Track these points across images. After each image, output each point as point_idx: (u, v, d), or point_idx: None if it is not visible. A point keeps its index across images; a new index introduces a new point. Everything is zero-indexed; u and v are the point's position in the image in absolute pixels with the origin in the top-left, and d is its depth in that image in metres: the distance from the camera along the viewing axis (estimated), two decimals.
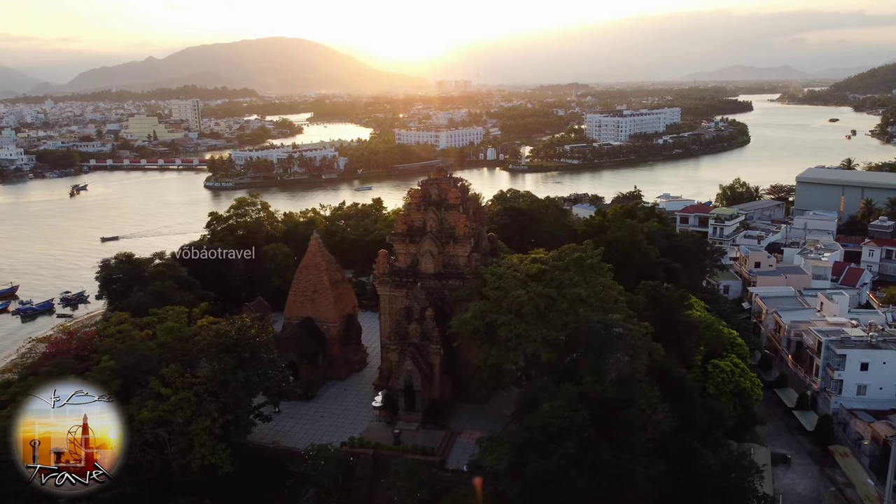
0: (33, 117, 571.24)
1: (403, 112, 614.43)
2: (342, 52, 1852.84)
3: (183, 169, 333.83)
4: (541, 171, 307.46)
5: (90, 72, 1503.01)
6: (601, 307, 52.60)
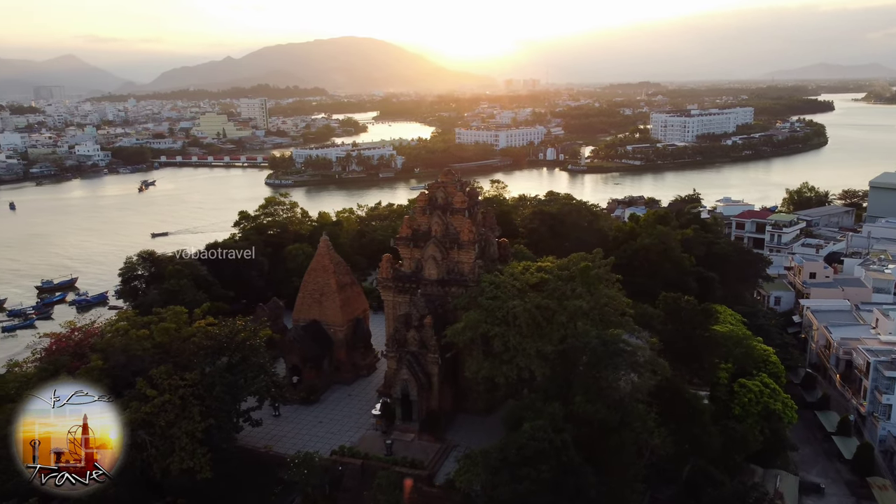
0: (114, 115, 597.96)
1: (468, 111, 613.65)
2: (411, 52, 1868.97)
3: (247, 166, 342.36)
4: (601, 171, 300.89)
5: (171, 71, 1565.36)
6: (603, 321, 49.72)
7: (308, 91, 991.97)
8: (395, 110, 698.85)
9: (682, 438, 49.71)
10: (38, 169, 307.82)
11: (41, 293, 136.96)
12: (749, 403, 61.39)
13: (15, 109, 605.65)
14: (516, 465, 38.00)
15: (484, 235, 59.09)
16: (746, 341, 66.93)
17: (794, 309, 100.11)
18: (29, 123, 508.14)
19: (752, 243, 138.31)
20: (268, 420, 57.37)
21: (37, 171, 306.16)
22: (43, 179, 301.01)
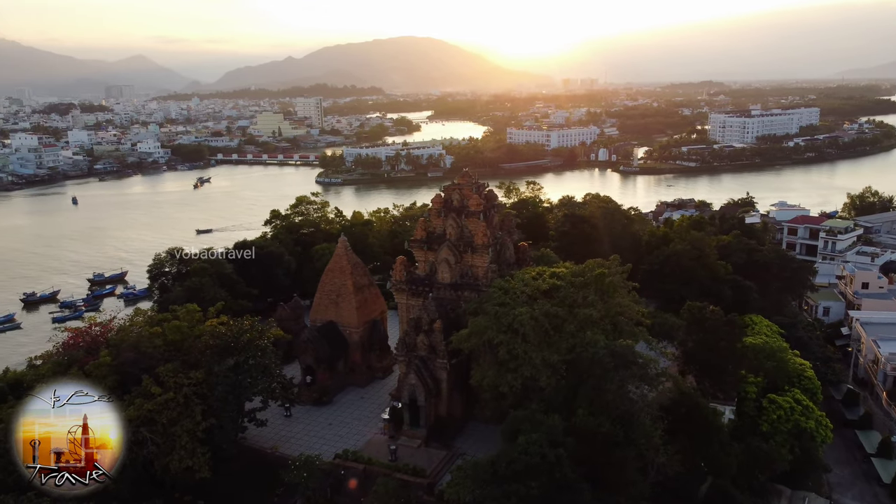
0: (177, 113, 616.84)
1: (523, 110, 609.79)
2: (469, 51, 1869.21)
3: (300, 164, 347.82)
4: (654, 173, 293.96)
5: (235, 71, 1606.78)
6: (617, 331, 47.84)
7: (365, 90, 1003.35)
8: (450, 109, 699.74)
9: (698, 456, 47.45)
10: (101, 165, 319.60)
11: (93, 286, 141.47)
12: (778, 420, 58.32)
13: (85, 108, 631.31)
14: (506, 480, 36.69)
15: (500, 239, 57.76)
16: (779, 354, 63.54)
17: (844, 320, 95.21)
18: (98, 121, 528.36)
19: (804, 250, 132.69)
20: (278, 420, 57.61)
21: (100, 167, 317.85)
22: (105, 175, 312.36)
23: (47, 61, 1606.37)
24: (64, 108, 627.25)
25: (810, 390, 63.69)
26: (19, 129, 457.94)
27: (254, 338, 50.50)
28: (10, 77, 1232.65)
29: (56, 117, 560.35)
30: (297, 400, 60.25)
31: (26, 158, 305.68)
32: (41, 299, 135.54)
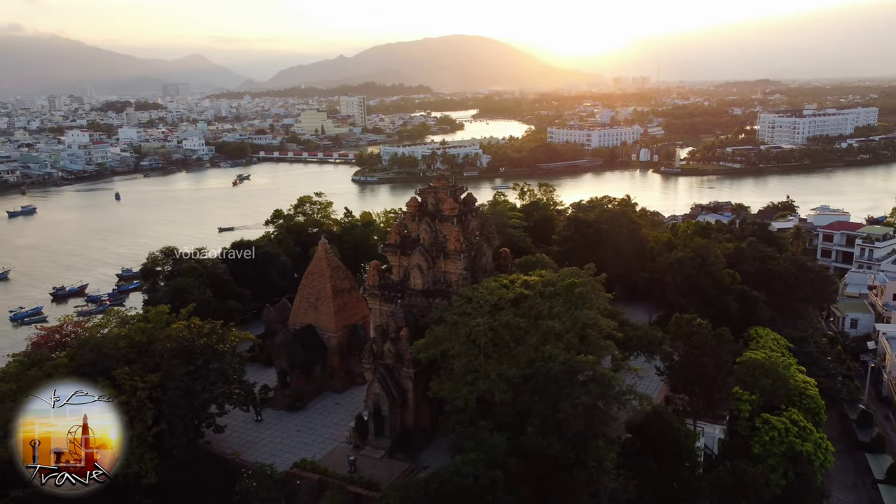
0: (227, 111, 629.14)
1: (570, 109, 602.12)
2: (520, 49, 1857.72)
3: (339, 162, 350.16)
4: (697, 174, 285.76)
5: (288, 70, 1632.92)
6: (585, 345, 45.31)
7: (413, 89, 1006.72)
8: (496, 108, 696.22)
9: (666, 481, 44.62)
10: (147, 162, 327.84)
11: (120, 280, 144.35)
12: (771, 442, 54.79)
13: (140, 106, 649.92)
14: (435, 503, 34.82)
15: (476, 245, 55.69)
16: (779, 371, 59.73)
17: (871, 334, 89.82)
18: (151, 119, 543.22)
19: (840, 258, 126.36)
20: (248, 426, 56.91)
21: (146, 163, 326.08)
22: (151, 171, 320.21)
23: (109, 60, 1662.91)
24: (120, 105, 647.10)
25: (812, 410, 59.82)
26: (76, 126, 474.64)
27: (211, 342, 49.62)
28: (73, 76, 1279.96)
29: (112, 115, 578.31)
30: (270, 405, 59.68)
31: (76, 155, 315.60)
32: (70, 293, 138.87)
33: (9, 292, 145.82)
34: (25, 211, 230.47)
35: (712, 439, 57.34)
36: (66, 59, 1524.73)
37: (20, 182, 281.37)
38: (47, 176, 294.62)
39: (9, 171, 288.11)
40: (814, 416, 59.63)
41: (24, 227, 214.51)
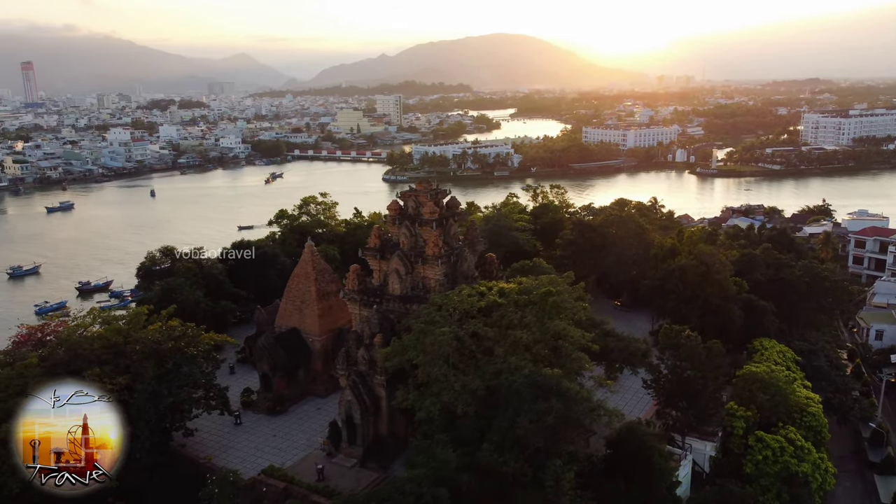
0: (267, 110, 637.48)
1: (610, 108, 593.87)
2: (562, 48, 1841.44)
3: (372, 161, 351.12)
4: (735, 176, 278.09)
5: (331, 68, 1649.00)
6: (555, 356, 43.48)
7: (453, 88, 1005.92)
8: (535, 107, 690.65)
9: (639, 502, 42.53)
10: (184, 159, 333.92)
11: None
12: (764, 462, 52.22)
13: (184, 104, 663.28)
14: None
15: (458, 250, 54.20)
16: (780, 386, 56.82)
17: None
18: (193, 117, 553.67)
19: (873, 265, 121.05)
20: (226, 429, 56.50)
21: (183, 161, 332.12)
22: (187, 169, 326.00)
23: (158, 60, 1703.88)
24: (165, 104, 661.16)
25: (813, 428, 56.83)
26: (121, 124, 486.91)
27: (180, 346, 49.22)
28: (123, 74, 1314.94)
29: (157, 113, 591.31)
30: (252, 408, 59.27)
31: (117, 152, 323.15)
32: (95, 288, 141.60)
33: (38, 286, 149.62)
34: (63, 207, 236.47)
35: (703, 457, 54.92)
36: (117, 59, 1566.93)
37: (62, 178, 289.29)
38: (88, 172, 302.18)
39: (52, 167, 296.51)
40: (815, 434, 56.67)
41: (61, 223, 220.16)
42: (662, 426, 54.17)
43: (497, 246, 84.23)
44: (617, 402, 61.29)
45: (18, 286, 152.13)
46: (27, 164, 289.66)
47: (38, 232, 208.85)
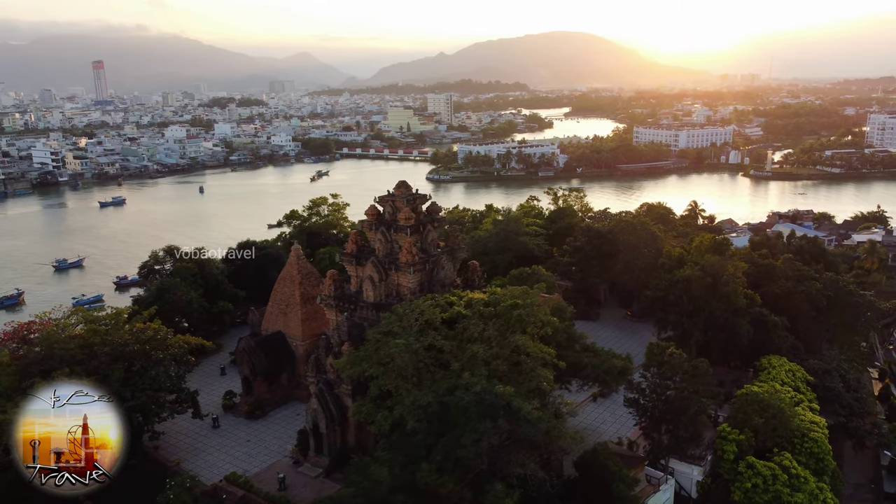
0: (322, 108, 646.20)
1: (668, 107, 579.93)
2: (623, 46, 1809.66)
3: (419, 160, 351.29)
4: (789, 179, 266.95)
5: (389, 67, 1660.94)
6: (510, 373, 41.43)
7: (509, 86, 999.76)
8: (590, 106, 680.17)
9: None
10: (236, 156, 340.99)
11: None
12: (754, 490, 48.93)
13: (243, 102, 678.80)
14: None
15: (435, 258, 52.58)
16: (780, 407, 53.20)
17: None
18: (251, 115, 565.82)
19: None
20: (202, 432, 56.41)
21: (234, 158, 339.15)
22: (238, 166, 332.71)
23: (223, 58, 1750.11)
24: (224, 101, 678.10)
25: (815, 455, 53.07)
26: (183, 121, 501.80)
27: (145, 349, 49.14)
28: (189, 73, 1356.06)
29: (217, 110, 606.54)
30: (233, 411, 59.12)
31: (171, 149, 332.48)
32: (132, 283, 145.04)
33: (81, 279, 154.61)
34: (116, 202, 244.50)
35: (689, 481, 51.99)
36: (184, 58, 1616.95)
37: (118, 174, 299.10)
38: (143, 168, 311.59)
39: (109, 163, 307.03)
40: (817, 461, 52.90)
41: (112, 217, 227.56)
42: (647, 447, 51.46)
43: (504, 251, 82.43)
44: (606, 420, 59.06)
45: (63, 278, 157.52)
46: (86, 160, 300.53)
47: (89, 225, 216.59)
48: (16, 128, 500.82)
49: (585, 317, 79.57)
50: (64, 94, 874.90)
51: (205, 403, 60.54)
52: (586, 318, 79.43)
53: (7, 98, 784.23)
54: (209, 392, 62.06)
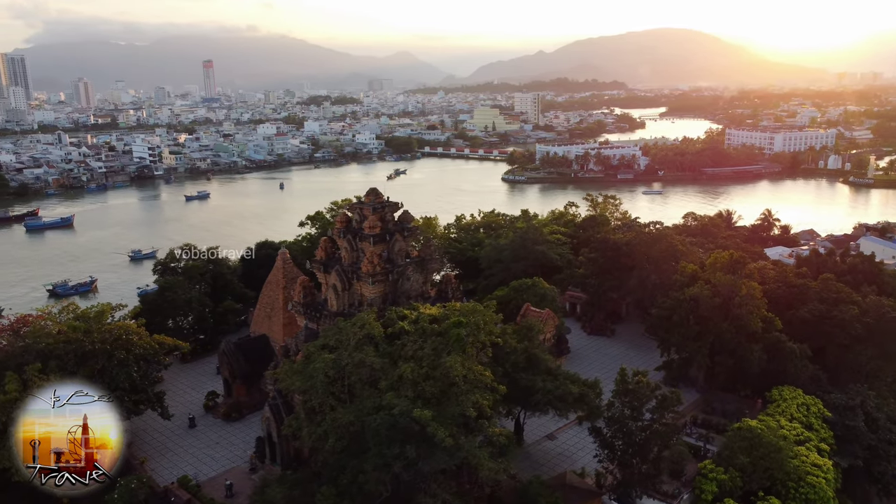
0: (413, 106, 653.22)
1: (773, 108, 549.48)
2: (731, 43, 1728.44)
3: (499, 160, 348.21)
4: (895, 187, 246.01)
5: (487, 65, 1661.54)
6: (437, 396, 39.19)
7: (606, 85, 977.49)
8: (688, 106, 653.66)
9: None
10: (320, 154, 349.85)
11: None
12: None
13: (337, 100, 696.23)
14: None
15: (401, 268, 50.86)
16: (775, 445, 48.08)
17: None
18: (344, 113, 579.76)
19: None
20: (178, 432, 57.17)
21: (319, 155, 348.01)
22: (322, 163, 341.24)
23: (326, 57, 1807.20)
24: (321, 100, 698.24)
25: (811, 502, 47.59)
26: (279, 118, 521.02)
27: (105, 348, 50.03)
28: (293, 71, 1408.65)
29: (313, 108, 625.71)
30: (213, 413, 59.69)
31: (260, 145, 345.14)
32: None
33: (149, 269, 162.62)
34: (200, 196, 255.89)
35: None
36: (290, 57, 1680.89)
37: (208, 169, 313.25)
38: (232, 164, 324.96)
39: (201, 158, 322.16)
40: None
41: (195, 210, 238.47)
42: (618, 479, 47.79)
43: (519, 260, 79.49)
44: (586, 446, 55.32)
45: (137, 268, 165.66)
46: (180, 155, 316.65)
47: (173, 217, 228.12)
48: (129, 123, 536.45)
49: (599, 332, 75.61)
50: (179, 92, 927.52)
51: (191, 402, 61.71)
52: (600, 333, 75.45)
53: (126, 95, 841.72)
54: (199, 391, 63.02)
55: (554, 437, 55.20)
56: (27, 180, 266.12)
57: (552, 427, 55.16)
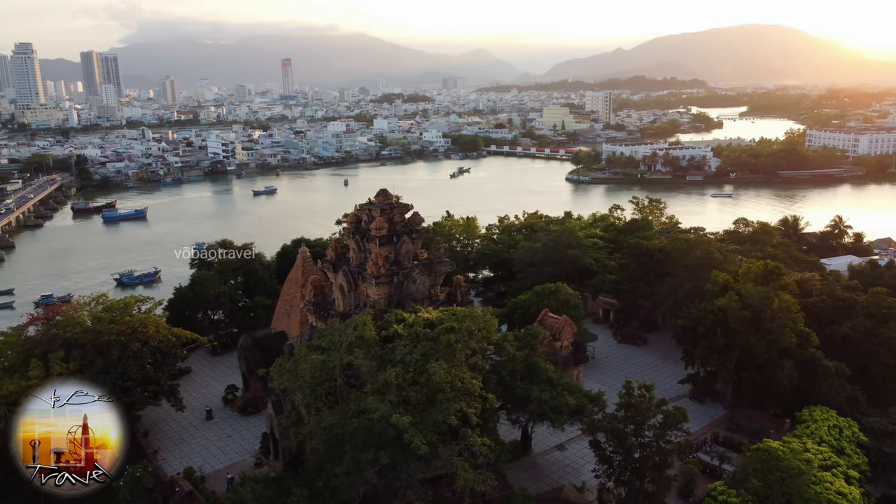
0: (485, 104, 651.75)
1: (864, 107, 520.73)
2: (820, 38, 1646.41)
3: (565, 159, 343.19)
4: None
5: (563, 63, 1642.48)
6: (422, 403, 38.54)
7: (685, 83, 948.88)
8: (771, 105, 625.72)
9: None
10: (387, 151, 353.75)
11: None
12: None
13: (410, 98, 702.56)
14: None
15: (407, 270, 50.39)
16: (795, 470, 45.15)
17: None
18: (415, 111, 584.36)
19: None
20: (195, 423, 58.57)
21: (386, 153, 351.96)
22: (388, 160, 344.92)
23: (402, 56, 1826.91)
24: (394, 97, 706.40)
25: None
26: (351, 115, 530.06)
27: (120, 340, 51.64)
28: (370, 69, 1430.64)
29: (386, 106, 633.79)
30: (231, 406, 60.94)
31: (329, 142, 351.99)
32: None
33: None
34: (268, 191, 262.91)
35: None
36: (367, 55, 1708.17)
37: (278, 165, 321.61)
38: (301, 160, 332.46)
39: (272, 154, 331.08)
40: None
41: (261, 205, 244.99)
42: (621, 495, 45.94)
43: (551, 264, 77.81)
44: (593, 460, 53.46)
45: None
46: (252, 151, 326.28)
47: (242, 211, 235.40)
48: (209, 120, 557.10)
49: (630, 340, 73.11)
50: (259, 90, 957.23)
51: (212, 395, 63.21)
52: (631, 341, 72.93)
53: (209, 93, 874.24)
54: (222, 384, 64.45)
55: (564, 448, 53.62)
56: (109, 173, 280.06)
57: (563, 437, 53.53)
